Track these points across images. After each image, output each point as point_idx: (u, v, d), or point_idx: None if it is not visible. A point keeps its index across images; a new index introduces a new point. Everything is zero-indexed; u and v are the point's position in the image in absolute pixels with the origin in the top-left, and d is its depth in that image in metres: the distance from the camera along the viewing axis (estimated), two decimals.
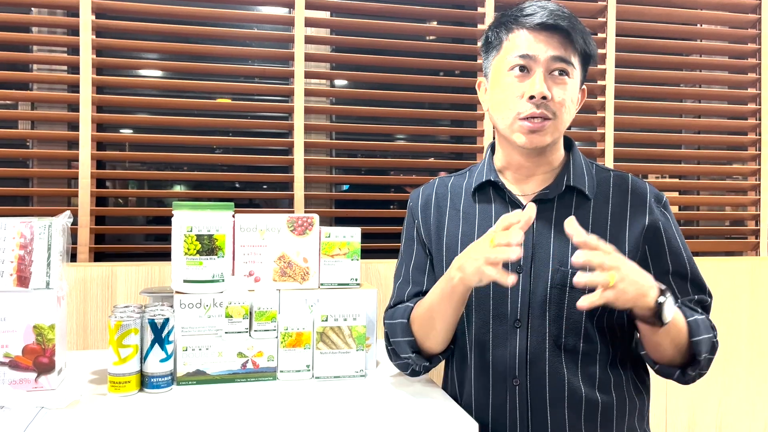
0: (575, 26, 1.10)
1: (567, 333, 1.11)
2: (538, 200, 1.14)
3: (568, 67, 1.10)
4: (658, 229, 1.14)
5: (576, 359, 1.12)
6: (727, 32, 2.13)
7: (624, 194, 1.17)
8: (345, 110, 1.92)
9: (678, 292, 1.14)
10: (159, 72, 1.92)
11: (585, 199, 1.16)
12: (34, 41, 1.75)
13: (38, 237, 1.11)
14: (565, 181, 1.16)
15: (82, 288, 1.56)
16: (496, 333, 1.14)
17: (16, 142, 1.83)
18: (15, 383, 1.09)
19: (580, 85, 1.16)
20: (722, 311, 1.95)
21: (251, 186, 1.93)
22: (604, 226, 1.14)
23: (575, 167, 1.18)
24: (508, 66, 1.11)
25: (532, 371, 1.11)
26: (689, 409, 1.93)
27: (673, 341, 1.06)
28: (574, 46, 1.11)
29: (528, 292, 1.12)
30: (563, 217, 1.09)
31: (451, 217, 1.22)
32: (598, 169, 1.21)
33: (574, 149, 1.21)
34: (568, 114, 1.12)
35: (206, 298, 1.18)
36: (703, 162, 2.22)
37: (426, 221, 1.25)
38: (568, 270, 1.10)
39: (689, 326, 1.06)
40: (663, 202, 1.18)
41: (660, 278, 1.10)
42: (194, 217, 1.18)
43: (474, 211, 1.20)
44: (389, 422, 1.00)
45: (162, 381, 1.12)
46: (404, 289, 1.24)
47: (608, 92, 1.99)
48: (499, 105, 1.14)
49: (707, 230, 2.15)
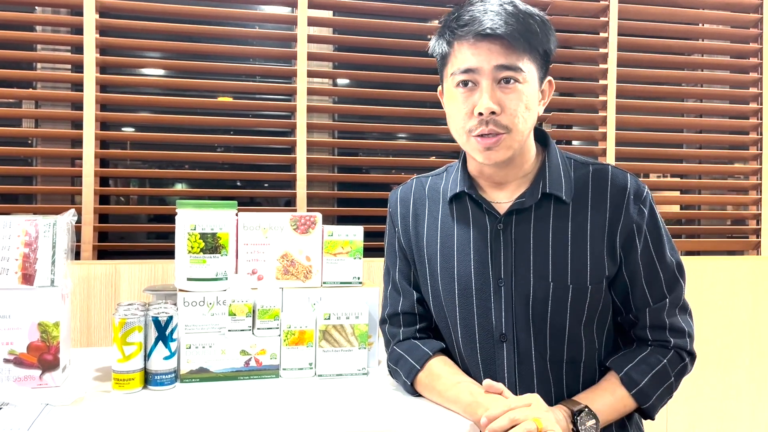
0: (516, 29, 1.02)
1: (552, 345, 1.09)
2: (515, 210, 1.11)
3: (516, 74, 1.03)
4: (632, 231, 1.09)
5: (561, 369, 1.11)
6: (728, 32, 2.14)
7: (603, 193, 1.11)
8: (347, 109, 1.92)
9: (651, 298, 1.11)
10: (162, 71, 1.92)
11: (563, 204, 1.11)
12: (38, 40, 1.76)
13: (43, 235, 1.12)
14: (540, 187, 1.10)
15: (86, 286, 1.57)
16: (483, 348, 1.12)
17: (20, 141, 1.84)
18: (20, 380, 1.09)
19: (539, 84, 1.08)
20: (723, 310, 1.96)
21: (253, 184, 1.94)
22: (584, 232, 1.09)
23: (551, 170, 1.12)
24: (454, 82, 1.07)
25: (521, 385, 1.09)
26: (690, 409, 1.93)
27: (626, 413, 1.09)
28: (521, 49, 1.03)
29: (511, 306, 1.09)
30: (542, 226, 1.10)
31: (429, 225, 1.19)
32: (576, 164, 1.15)
33: (549, 147, 1.15)
34: (524, 122, 1.05)
35: (210, 296, 1.19)
36: (705, 161, 2.22)
37: (405, 231, 1.22)
38: (549, 283, 1.07)
39: (635, 398, 1.07)
40: (643, 198, 1.11)
41: (633, 279, 1.11)
42: (198, 215, 1.19)
43: (452, 222, 1.16)
44: (391, 420, 1.01)
45: (166, 378, 1.13)
46: (397, 300, 1.21)
47: (610, 91, 1.99)
48: (451, 121, 1.11)
49: (708, 229, 2.15)
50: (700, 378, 1.94)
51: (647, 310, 1.11)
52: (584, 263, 1.08)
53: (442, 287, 1.14)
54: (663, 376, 1.08)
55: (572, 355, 1.11)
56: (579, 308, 1.08)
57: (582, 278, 1.08)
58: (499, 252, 1.10)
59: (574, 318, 1.08)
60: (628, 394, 1.07)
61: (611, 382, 1.09)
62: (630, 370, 1.08)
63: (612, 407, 1.06)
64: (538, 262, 1.09)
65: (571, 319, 1.08)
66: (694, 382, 1.92)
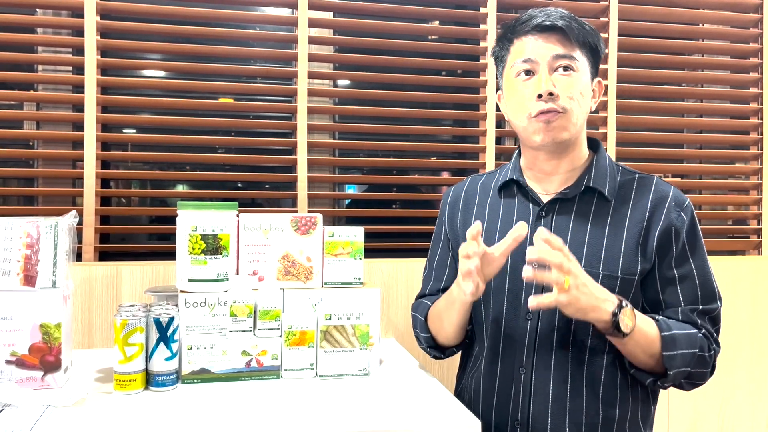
0: (571, 24, 1.13)
1: (576, 329, 1.14)
2: (559, 199, 1.19)
3: (571, 62, 1.14)
4: (670, 233, 1.15)
5: (584, 354, 1.15)
6: (728, 32, 2.14)
7: (645, 196, 1.17)
8: (348, 110, 1.92)
9: (683, 300, 1.15)
10: (163, 72, 1.93)
11: (605, 200, 1.18)
12: (39, 42, 1.76)
13: (44, 236, 1.12)
14: (585, 181, 1.18)
15: (87, 287, 1.57)
16: (508, 325, 1.19)
17: (21, 143, 1.84)
18: (21, 382, 1.10)
19: (591, 78, 1.18)
20: (724, 310, 1.94)
21: (254, 186, 1.94)
22: (622, 227, 1.16)
23: (598, 168, 1.20)
24: (515, 73, 1.17)
25: (539, 364, 1.15)
26: (692, 408, 1.93)
27: (645, 352, 1.10)
28: (575, 41, 1.14)
29: (541, 288, 1.13)
30: (583, 215, 1.17)
31: (477, 213, 1.28)
32: (624, 171, 1.23)
33: (600, 151, 1.24)
34: (579, 107, 1.15)
35: (211, 297, 1.19)
36: (705, 161, 2.22)
37: (452, 218, 1.32)
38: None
39: (663, 340, 1.08)
40: (684, 206, 1.17)
41: (665, 282, 1.15)
42: (199, 216, 1.19)
43: (498, 208, 1.26)
44: (392, 420, 1.01)
45: (167, 379, 1.13)
46: (428, 283, 1.37)
47: (610, 91, 1.99)
48: (513, 109, 1.19)
49: (709, 229, 2.15)
50: None
51: (680, 309, 1.15)
52: (617, 254, 1.13)
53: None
54: (693, 340, 1.11)
55: (596, 342, 1.14)
56: None
57: (613, 267, 1.13)
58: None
59: None
60: (658, 334, 1.09)
61: (650, 319, 1.11)
62: (667, 319, 1.12)
63: (645, 331, 1.08)
64: (573, 248, 1.13)
65: None
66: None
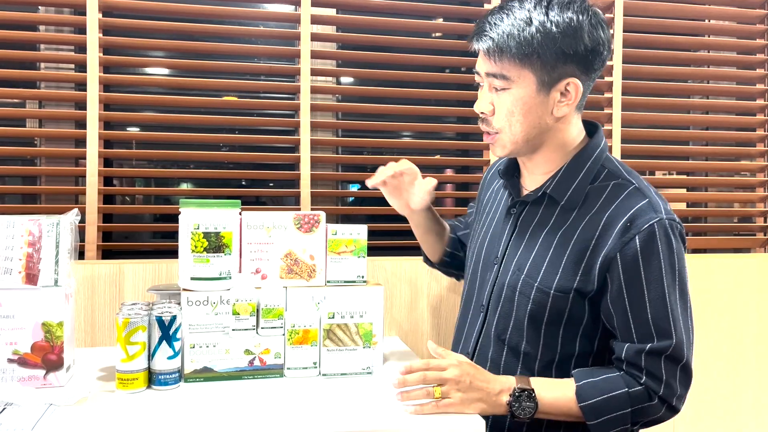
0: (501, 40, 1.04)
1: (512, 333, 1.15)
2: (524, 201, 1.19)
3: (501, 81, 1.08)
4: (615, 261, 1.04)
5: (517, 358, 1.14)
6: (735, 28, 2.12)
7: (604, 210, 1.08)
8: (351, 107, 1.92)
9: (635, 335, 1.05)
10: (166, 70, 1.92)
11: (567, 209, 1.12)
12: (41, 40, 1.76)
13: (46, 235, 1.12)
14: (543, 187, 1.14)
15: (89, 285, 1.57)
16: (471, 311, 1.25)
17: (23, 141, 1.84)
18: (24, 380, 1.09)
19: (544, 89, 1.06)
20: (730, 309, 1.94)
21: (257, 184, 1.93)
22: (569, 242, 1.09)
23: (568, 172, 1.12)
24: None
25: (479, 357, 1.19)
26: (697, 408, 1.92)
27: (569, 416, 1.08)
28: (509, 57, 1.05)
29: (493, 285, 1.19)
30: (542, 223, 1.15)
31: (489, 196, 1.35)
32: (606, 175, 1.12)
33: (588, 146, 1.14)
34: (519, 123, 1.08)
35: (213, 296, 1.18)
36: (712, 158, 2.21)
37: (480, 198, 1.39)
38: (521, 276, 1.13)
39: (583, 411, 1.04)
40: (642, 228, 1.03)
41: (617, 310, 1.06)
42: (201, 214, 1.18)
43: (496, 195, 1.31)
44: (396, 419, 1.00)
45: (170, 378, 1.13)
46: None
47: (615, 89, 1.98)
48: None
49: (715, 227, 2.14)
50: (706, 377, 1.92)
51: (626, 346, 1.06)
52: (557, 269, 1.09)
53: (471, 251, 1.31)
54: (620, 402, 1.04)
55: (529, 350, 1.13)
56: (540, 309, 1.11)
57: (549, 282, 1.09)
58: (503, 233, 1.21)
59: (535, 315, 1.11)
60: (576, 403, 1.05)
61: (568, 385, 1.07)
62: (588, 384, 1.06)
63: (557, 405, 1.06)
64: (523, 253, 1.15)
65: (531, 315, 1.12)
66: (700, 381, 1.91)
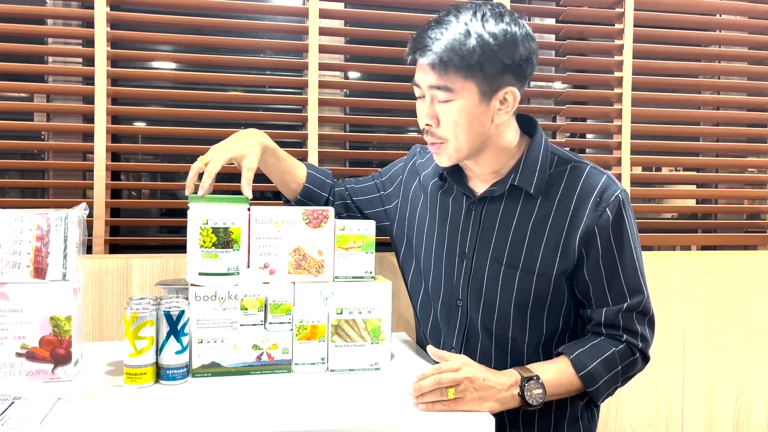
0: (444, 54, 1.06)
1: (498, 322, 1.20)
2: (487, 197, 1.21)
3: (446, 93, 1.09)
4: (594, 233, 1.14)
5: (506, 347, 1.21)
6: (746, 23, 2.10)
7: (572, 193, 1.16)
8: (359, 102, 1.91)
9: (611, 300, 1.17)
10: (173, 64, 1.92)
11: (532, 197, 1.18)
12: (49, 33, 1.76)
13: (54, 229, 1.12)
14: (510, 180, 1.18)
15: (97, 280, 1.57)
16: (443, 308, 1.27)
17: (31, 135, 1.84)
18: (32, 374, 1.09)
19: (486, 98, 1.10)
20: (739, 306, 1.93)
21: (266, 178, 1.92)
22: (545, 225, 1.17)
23: (526, 164, 1.18)
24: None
25: (466, 349, 1.23)
26: (706, 402, 1.91)
27: (569, 391, 1.15)
28: (451, 70, 1.07)
29: (468, 280, 1.23)
30: (509, 214, 1.19)
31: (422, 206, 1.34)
32: (559, 160, 1.20)
33: (534, 140, 1.20)
34: (464, 131, 1.12)
35: (221, 291, 1.18)
36: (722, 154, 2.19)
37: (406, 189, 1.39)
38: (501, 266, 1.19)
39: (583, 380, 1.13)
40: (610, 201, 1.14)
41: (594, 280, 1.16)
42: (210, 210, 1.18)
43: (436, 201, 1.31)
44: (404, 415, 1.00)
45: (177, 373, 1.13)
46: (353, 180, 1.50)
47: (625, 84, 1.96)
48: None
49: (724, 224, 2.12)
50: (716, 372, 1.91)
51: (604, 310, 1.17)
52: (537, 254, 1.16)
53: (424, 254, 1.31)
54: (611, 363, 1.15)
55: (516, 335, 1.20)
56: (524, 294, 1.17)
57: (531, 267, 1.16)
58: (467, 229, 1.23)
59: (520, 302, 1.17)
60: (576, 375, 1.12)
61: (563, 361, 1.15)
62: (580, 353, 1.15)
63: (559, 383, 1.12)
64: (497, 245, 1.19)
65: (516, 302, 1.18)
66: (710, 376, 1.90)
